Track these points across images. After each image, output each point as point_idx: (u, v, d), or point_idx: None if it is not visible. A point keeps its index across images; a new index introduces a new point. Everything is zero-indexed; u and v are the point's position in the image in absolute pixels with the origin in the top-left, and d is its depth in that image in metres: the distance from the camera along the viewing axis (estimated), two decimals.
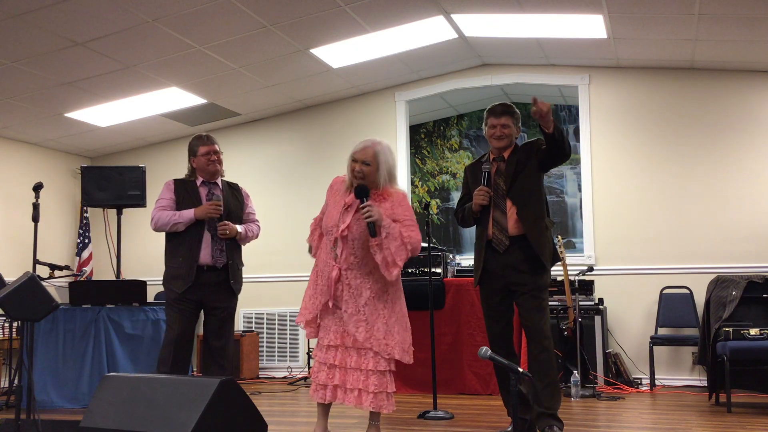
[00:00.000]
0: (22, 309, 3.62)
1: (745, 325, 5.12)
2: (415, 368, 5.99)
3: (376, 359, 3.62)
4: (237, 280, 4.44)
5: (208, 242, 4.32)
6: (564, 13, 5.69)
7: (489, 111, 4.05)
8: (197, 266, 4.28)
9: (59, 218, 8.16)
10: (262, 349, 7.73)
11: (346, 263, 3.63)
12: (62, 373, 5.57)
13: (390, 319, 3.64)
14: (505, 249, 3.90)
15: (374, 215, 3.49)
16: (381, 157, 3.65)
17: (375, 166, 3.63)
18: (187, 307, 4.31)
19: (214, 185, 4.46)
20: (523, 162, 3.96)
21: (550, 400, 3.79)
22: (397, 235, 3.52)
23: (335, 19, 5.67)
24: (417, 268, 6.26)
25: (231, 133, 8.18)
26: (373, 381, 3.61)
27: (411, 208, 3.73)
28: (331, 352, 3.70)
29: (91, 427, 3.01)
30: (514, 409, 2.93)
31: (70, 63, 5.92)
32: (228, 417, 2.90)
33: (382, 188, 3.67)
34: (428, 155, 8.65)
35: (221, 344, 4.41)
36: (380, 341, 3.60)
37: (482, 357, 3.01)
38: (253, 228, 4.59)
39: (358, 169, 3.62)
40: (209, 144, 4.42)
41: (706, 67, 6.61)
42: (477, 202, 3.94)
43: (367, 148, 3.65)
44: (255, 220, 4.65)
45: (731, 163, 6.52)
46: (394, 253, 3.51)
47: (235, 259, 4.44)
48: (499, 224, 3.92)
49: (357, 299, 3.62)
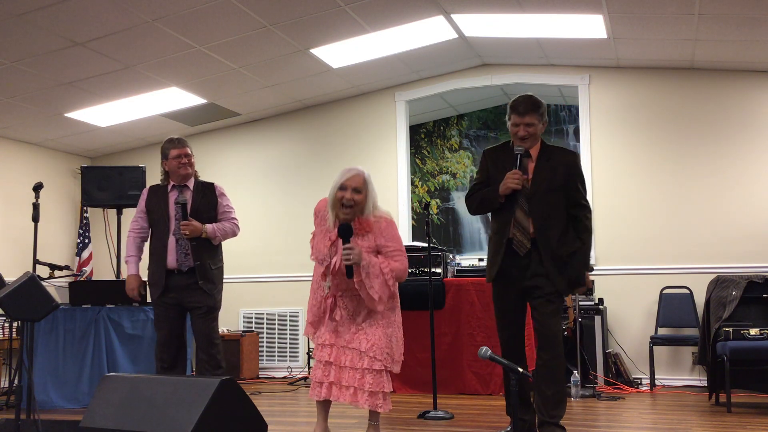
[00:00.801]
0: (22, 309, 3.62)
1: (745, 325, 5.12)
2: (415, 368, 5.99)
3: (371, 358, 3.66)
4: (208, 280, 4.44)
5: (173, 247, 4.42)
6: (564, 13, 5.69)
7: (512, 107, 3.80)
8: (167, 271, 4.41)
9: (59, 218, 8.16)
10: (262, 349, 7.72)
11: (340, 290, 3.71)
12: (62, 373, 5.57)
13: (387, 330, 3.71)
14: (525, 252, 3.73)
15: (353, 258, 3.49)
16: (369, 186, 3.64)
17: (365, 193, 3.61)
18: (169, 308, 4.46)
19: (184, 188, 4.52)
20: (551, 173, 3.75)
21: (555, 408, 3.69)
22: (377, 272, 3.55)
23: (335, 19, 5.67)
24: (417, 268, 6.26)
25: (231, 133, 8.19)
26: (368, 380, 3.65)
27: (396, 233, 3.70)
28: (326, 349, 3.76)
29: (91, 427, 3.01)
30: (514, 409, 2.93)
31: (70, 63, 5.92)
32: (228, 417, 2.91)
33: (366, 217, 3.64)
34: (428, 155, 8.65)
35: (205, 337, 4.44)
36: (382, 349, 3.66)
37: (482, 357, 3.01)
38: (226, 226, 4.54)
39: (349, 198, 3.57)
40: (180, 147, 4.48)
41: (706, 67, 6.61)
42: (509, 185, 3.67)
43: (358, 176, 3.61)
44: (231, 218, 4.61)
45: (731, 163, 6.52)
46: (377, 290, 3.56)
47: (204, 260, 4.43)
48: (520, 225, 3.73)
49: (355, 318, 3.72)
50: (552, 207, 3.73)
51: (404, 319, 6.01)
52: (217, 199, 4.58)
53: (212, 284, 4.47)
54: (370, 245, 3.61)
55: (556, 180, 3.74)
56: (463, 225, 8.45)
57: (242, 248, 7.79)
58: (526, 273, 3.74)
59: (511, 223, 3.74)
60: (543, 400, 3.69)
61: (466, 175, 8.44)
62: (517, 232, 3.73)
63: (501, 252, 3.77)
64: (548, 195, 3.72)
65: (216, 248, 4.55)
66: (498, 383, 5.83)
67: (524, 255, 3.72)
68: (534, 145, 3.81)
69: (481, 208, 3.91)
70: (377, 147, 7.61)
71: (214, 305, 4.48)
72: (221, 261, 4.61)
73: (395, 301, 3.81)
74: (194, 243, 4.40)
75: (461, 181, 8.47)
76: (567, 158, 3.82)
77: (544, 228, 3.71)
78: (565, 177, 3.75)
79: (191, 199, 4.49)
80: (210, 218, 4.51)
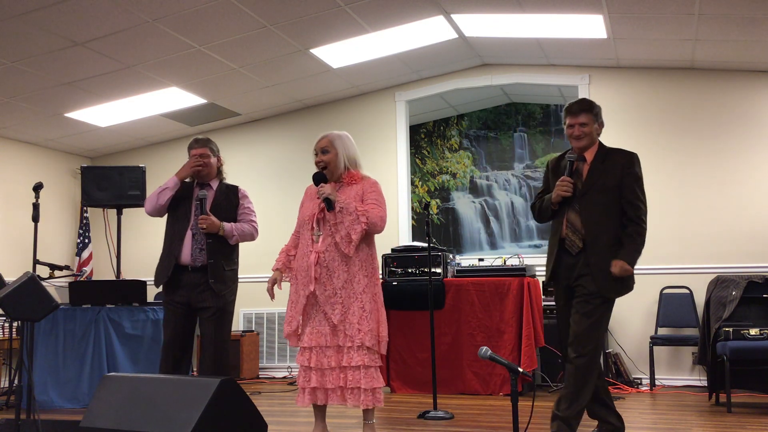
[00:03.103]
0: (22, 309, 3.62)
1: (745, 325, 5.12)
2: (415, 368, 6.00)
3: (349, 355, 3.72)
4: (219, 280, 4.33)
5: (189, 242, 4.32)
6: (564, 13, 5.69)
7: (566, 110, 3.85)
8: (179, 266, 4.31)
9: (59, 218, 8.16)
10: (262, 349, 7.73)
11: (323, 245, 3.79)
12: (62, 373, 5.57)
13: (366, 306, 3.76)
14: (578, 251, 3.75)
15: (326, 191, 3.76)
16: (337, 142, 3.91)
17: (334, 151, 3.89)
18: (177, 308, 4.34)
19: (206, 186, 4.48)
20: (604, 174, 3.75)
21: (566, 403, 3.67)
22: (352, 210, 3.74)
23: (335, 19, 5.67)
24: (417, 268, 6.26)
25: (231, 133, 8.18)
26: (351, 377, 3.70)
27: (380, 192, 3.91)
28: (305, 354, 3.82)
29: (91, 427, 3.02)
30: (514, 409, 2.92)
31: (70, 63, 5.92)
32: (228, 417, 2.91)
33: (350, 172, 3.90)
34: (428, 155, 8.65)
35: (212, 342, 4.32)
36: (353, 325, 3.73)
37: (482, 357, 3.01)
38: (244, 227, 4.47)
39: (318, 160, 3.91)
40: (198, 147, 4.46)
41: (706, 67, 6.61)
42: (559, 192, 3.74)
43: (323, 138, 3.94)
44: (251, 221, 4.54)
45: (731, 162, 6.52)
46: (348, 226, 3.73)
47: (218, 259, 4.34)
48: (572, 225, 3.77)
49: (334, 281, 3.77)
50: (604, 208, 3.76)
51: (404, 319, 6.07)
52: (239, 200, 4.52)
53: (223, 285, 4.35)
54: (357, 194, 3.84)
55: (609, 181, 3.76)
56: (463, 225, 8.45)
57: (242, 248, 7.77)
58: (573, 273, 3.77)
59: (564, 223, 3.80)
60: (561, 394, 3.72)
61: (466, 175, 8.44)
62: (570, 233, 3.78)
63: (554, 252, 3.83)
64: (600, 196, 3.76)
65: (232, 250, 4.47)
66: (498, 383, 5.83)
67: (575, 254, 3.76)
68: (590, 147, 3.85)
69: (541, 215, 3.99)
70: (377, 147, 7.61)
71: (223, 307, 4.35)
72: (236, 264, 4.52)
73: (376, 284, 3.87)
74: (210, 240, 4.31)
75: (461, 181, 8.47)
76: (622, 159, 3.82)
77: (594, 229, 3.74)
78: (619, 178, 3.77)
79: (212, 198, 4.44)
80: (230, 219, 4.44)
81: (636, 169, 3.81)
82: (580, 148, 3.82)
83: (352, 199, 3.80)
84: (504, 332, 5.83)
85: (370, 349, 3.74)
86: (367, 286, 3.80)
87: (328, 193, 3.76)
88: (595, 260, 3.70)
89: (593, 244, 3.72)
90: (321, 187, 3.82)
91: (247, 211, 4.55)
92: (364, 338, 3.72)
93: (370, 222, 3.75)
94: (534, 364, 5.83)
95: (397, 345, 6.04)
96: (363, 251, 3.82)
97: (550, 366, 6.26)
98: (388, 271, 6.29)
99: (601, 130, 3.89)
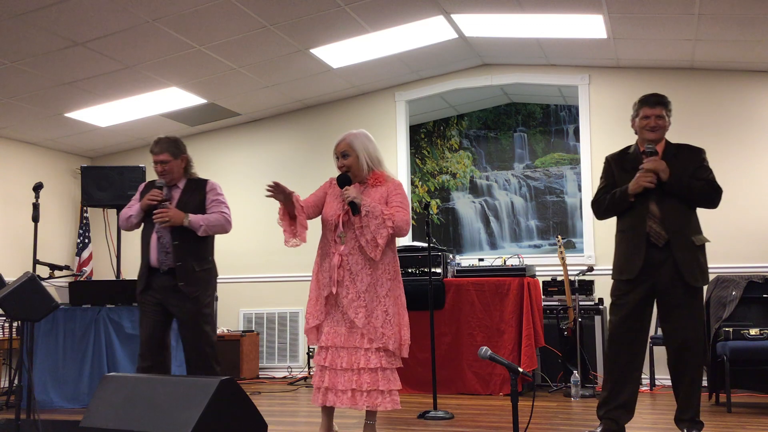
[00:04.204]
0: (22, 309, 3.62)
1: (745, 325, 5.12)
2: (415, 368, 5.99)
3: (367, 357, 3.67)
4: (190, 283, 4.14)
5: (155, 245, 4.20)
6: (564, 13, 5.69)
7: (642, 101, 3.92)
8: (151, 269, 4.21)
9: (59, 218, 8.16)
10: (262, 349, 7.72)
11: (347, 248, 3.72)
12: (62, 373, 5.57)
13: (389, 309, 3.72)
14: (664, 243, 3.78)
15: (350, 194, 3.67)
16: (357, 144, 3.83)
17: (354, 153, 3.81)
18: (150, 309, 4.20)
19: (173, 188, 4.33)
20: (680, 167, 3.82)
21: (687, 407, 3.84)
22: (378, 213, 3.67)
23: (335, 19, 5.67)
24: (417, 268, 6.26)
25: (231, 133, 8.19)
26: (365, 379, 3.66)
27: (405, 194, 3.86)
28: (322, 353, 3.77)
29: (91, 427, 3.01)
30: (514, 409, 2.92)
31: (70, 63, 5.92)
32: (228, 417, 2.91)
33: (374, 173, 3.84)
34: (428, 155, 8.64)
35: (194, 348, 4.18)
36: (377, 329, 3.68)
37: (482, 357, 3.00)
38: (211, 217, 4.21)
39: (341, 165, 3.83)
40: (154, 154, 4.30)
41: (706, 67, 6.61)
42: (641, 183, 3.75)
43: (342, 142, 3.86)
44: (221, 211, 4.27)
45: (731, 163, 6.51)
46: (374, 231, 3.66)
47: (187, 260, 4.15)
48: (655, 217, 3.79)
49: (357, 284, 3.70)
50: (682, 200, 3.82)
51: None
52: (206, 193, 4.30)
53: (195, 286, 4.15)
54: (381, 196, 3.78)
55: (685, 174, 3.83)
56: (463, 225, 8.45)
57: (242, 248, 7.80)
58: (660, 270, 3.79)
59: (647, 216, 3.80)
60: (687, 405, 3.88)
61: (466, 175, 8.44)
62: (654, 225, 3.80)
63: (640, 246, 3.81)
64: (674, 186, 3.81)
65: (202, 248, 4.25)
66: (498, 383, 5.83)
67: (662, 247, 3.79)
68: (660, 141, 3.92)
69: (611, 209, 3.98)
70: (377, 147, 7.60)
71: (199, 310, 4.17)
72: (210, 262, 4.31)
73: (399, 287, 3.83)
74: (176, 242, 4.14)
75: (461, 181, 8.46)
76: (693, 154, 3.94)
77: (677, 221, 3.80)
78: (693, 170, 3.86)
79: (178, 196, 4.28)
80: (198, 213, 4.24)
81: (707, 163, 3.92)
82: (654, 140, 3.88)
83: (377, 201, 3.74)
84: (504, 332, 5.83)
85: (388, 351, 3.70)
86: (390, 289, 3.75)
87: (354, 196, 3.68)
88: (682, 255, 3.76)
89: (676, 237, 3.77)
90: (345, 189, 3.72)
91: (215, 202, 4.30)
92: (387, 342, 3.68)
93: (396, 226, 3.70)
94: (534, 364, 5.83)
95: None
96: (387, 255, 3.78)
97: (550, 366, 6.26)
98: None
99: (669, 127, 3.97)
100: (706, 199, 3.87)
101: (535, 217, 8.05)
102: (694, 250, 3.82)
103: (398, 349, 3.74)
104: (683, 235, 3.79)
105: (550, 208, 7.98)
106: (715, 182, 3.88)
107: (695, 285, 3.80)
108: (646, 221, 3.80)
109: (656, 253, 3.79)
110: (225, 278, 7.82)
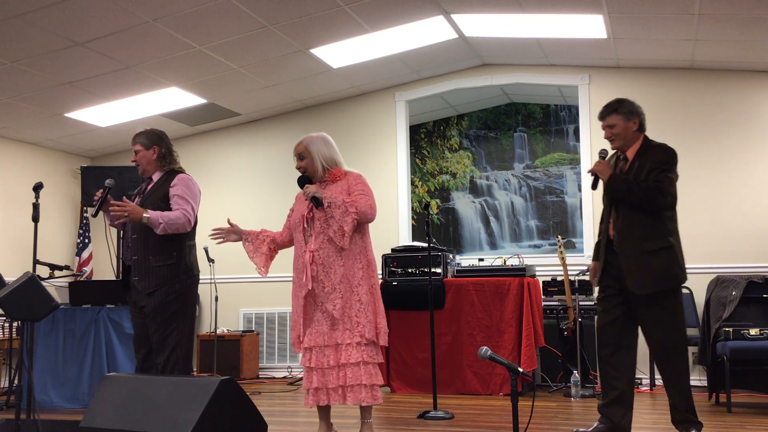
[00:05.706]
0: (22, 309, 3.62)
1: (745, 325, 5.12)
2: (415, 368, 6.00)
3: (348, 352, 3.74)
4: (143, 277, 3.93)
5: (123, 241, 4.18)
6: (564, 13, 5.69)
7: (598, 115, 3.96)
8: (126, 266, 4.11)
9: (59, 218, 8.16)
10: (262, 349, 7.72)
11: (317, 243, 3.83)
12: (62, 373, 5.57)
13: (363, 298, 3.81)
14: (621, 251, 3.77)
15: (311, 190, 3.82)
16: (312, 147, 3.95)
17: (309, 156, 3.94)
18: (132, 309, 4.12)
19: (149, 180, 4.24)
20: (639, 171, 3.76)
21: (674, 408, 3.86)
22: (339, 203, 3.78)
23: (335, 19, 5.67)
24: (417, 268, 6.26)
25: (231, 133, 8.19)
26: (350, 374, 3.72)
27: (365, 182, 3.96)
28: (306, 355, 3.85)
29: (91, 427, 3.01)
30: (514, 409, 2.92)
31: (70, 63, 5.92)
32: (228, 417, 2.91)
33: (331, 171, 3.93)
34: (428, 155, 8.64)
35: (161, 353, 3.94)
36: (352, 318, 3.77)
37: (482, 357, 3.01)
38: (171, 215, 3.95)
39: (298, 166, 3.99)
40: (132, 143, 4.23)
41: (706, 67, 6.61)
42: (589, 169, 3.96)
43: (299, 144, 4.00)
44: (182, 208, 3.99)
45: (731, 163, 6.51)
46: (339, 220, 3.76)
47: (143, 254, 3.96)
48: (614, 222, 3.82)
49: (331, 276, 3.80)
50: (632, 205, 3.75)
51: (404, 319, 6.07)
52: (169, 188, 4.06)
53: (147, 281, 3.92)
54: (343, 189, 3.88)
55: (640, 174, 3.76)
56: (463, 225, 8.45)
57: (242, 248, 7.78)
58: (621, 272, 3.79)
59: (611, 223, 3.84)
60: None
61: (466, 175, 8.44)
62: (613, 230, 3.83)
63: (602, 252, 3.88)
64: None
65: (165, 243, 3.97)
66: (498, 383, 5.83)
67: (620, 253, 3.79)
68: (629, 145, 3.87)
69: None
70: (377, 147, 7.61)
71: (159, 306, 3.91)
72: (172, 258, 3.97)
73: (374, 277, 3.91)
74: (134, 236, 4.00)
75: (461, 181, 8.46)
76: (657, 154, 3.80)
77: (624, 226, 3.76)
78: (647, 172, 3.75)
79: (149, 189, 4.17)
80: (156, 207, 4.02)
81: (665, 161, 3.75)
82: (615, 149, 3.89)
83: (338, 193, 3.84)
84: (504, 332, 5.83)
85: (368, 344, 3.76)
86: (362, 278, 3.83)
87: (314, 191, 3.82)
88: (626, 261, 3.73)
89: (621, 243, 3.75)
90: (306, 187, 3.90)
91: (176, 198, 4.02)
92: (363, 330, 3.75)
93: (360, 211, 3.78)
94: (534, 364, 5.83)
95: (397, 345, 6.04)
96: (357, 243, 3.86)
97: (550, 366, 6.26)
98: (388, 271, 6.29)
99: (636, 126, 3.85)
100: (645, 201, 3.69)
101: (535, 217, 8.05)
102: (645, 255, 3.69)
103: (375, 337, 3.80)
104: (630, 240, 3.73)
105: (550, 208, 7.98)
106: (660, 184, 3.69)
107: (638, 292, 3.70)
108: (609, 227, 3.85)
109: (614, 258, 3.82)
110: (225, 278, 7.85)
